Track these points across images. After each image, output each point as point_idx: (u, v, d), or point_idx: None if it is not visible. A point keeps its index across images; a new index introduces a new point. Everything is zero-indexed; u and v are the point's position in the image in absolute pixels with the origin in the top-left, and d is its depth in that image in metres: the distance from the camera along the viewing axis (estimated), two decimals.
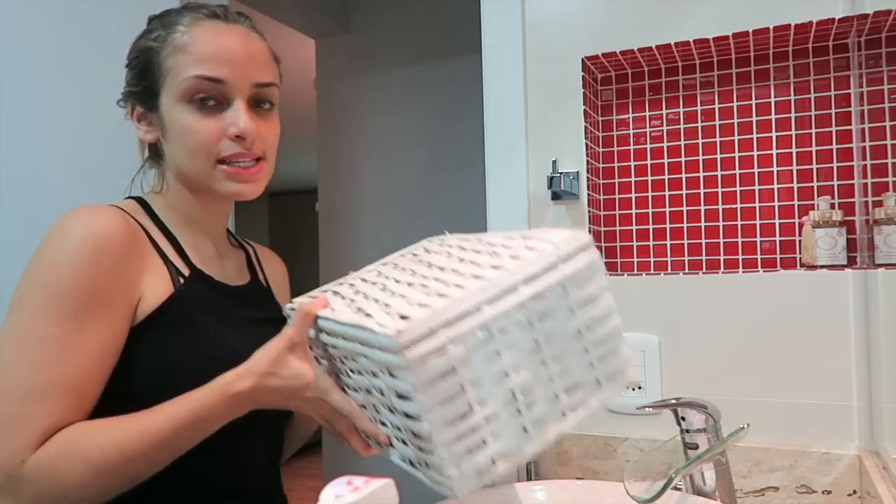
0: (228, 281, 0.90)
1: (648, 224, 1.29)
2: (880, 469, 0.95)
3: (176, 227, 0.87)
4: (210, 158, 0.81)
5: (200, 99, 0.80)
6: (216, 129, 0.80)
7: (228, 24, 0.84)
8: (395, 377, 0.49)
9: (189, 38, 0.80)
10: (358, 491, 0.48)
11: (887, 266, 1.01)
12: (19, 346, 0.69)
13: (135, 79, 0.85)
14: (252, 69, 0.82)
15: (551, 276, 0.52)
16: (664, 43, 1.18)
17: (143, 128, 0.87)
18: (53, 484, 0.66)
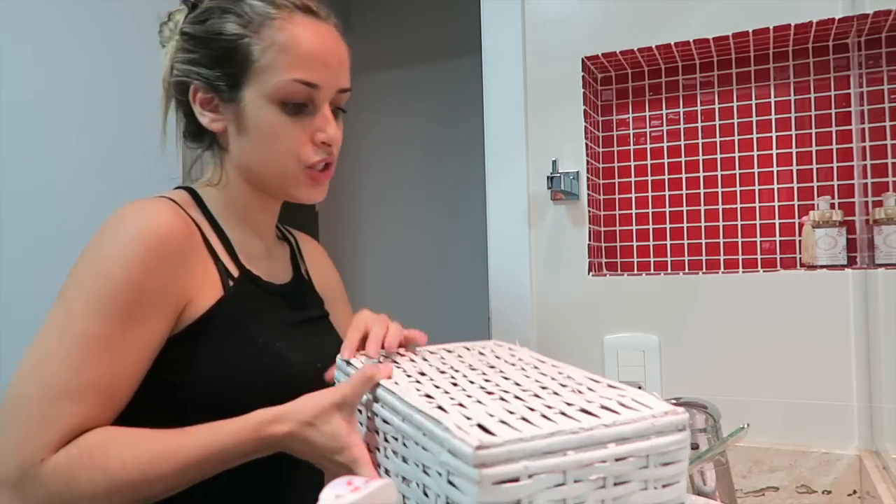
0: (275, 280, 0.87)
1: (648, 224, 1.29)
2: (880, 469, 0.95)
3: (227, 222, 0.83)
4: (298, 164, 0.79)
5: (292, 102, 0.77)
6: (302, 133, 0.78)
7: (321, 22, 0.80)
8: (454, 486, 0.47)
9: (288, 36, 0.76)
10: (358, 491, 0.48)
11: (887, 266, 1.01)
12: (61, 340, 0.67)
13: (212, 63, 0.78)
14: (340, 74, 0.80)
15: (642, 444, 0.49)
16: (664, 43, 1.18)
17: (207, 114, 0.80)
18: (68, 490, 0.63)
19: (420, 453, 0.52)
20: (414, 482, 0.54)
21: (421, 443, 0.52)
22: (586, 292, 1.23)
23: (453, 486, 0.47)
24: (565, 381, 0.61)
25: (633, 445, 0.49)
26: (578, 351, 1.23)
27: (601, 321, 1.22)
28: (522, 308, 1.27)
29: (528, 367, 0.67)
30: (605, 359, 1.21)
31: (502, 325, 1.30)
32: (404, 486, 0.57)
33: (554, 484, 0.46)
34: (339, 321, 0.97)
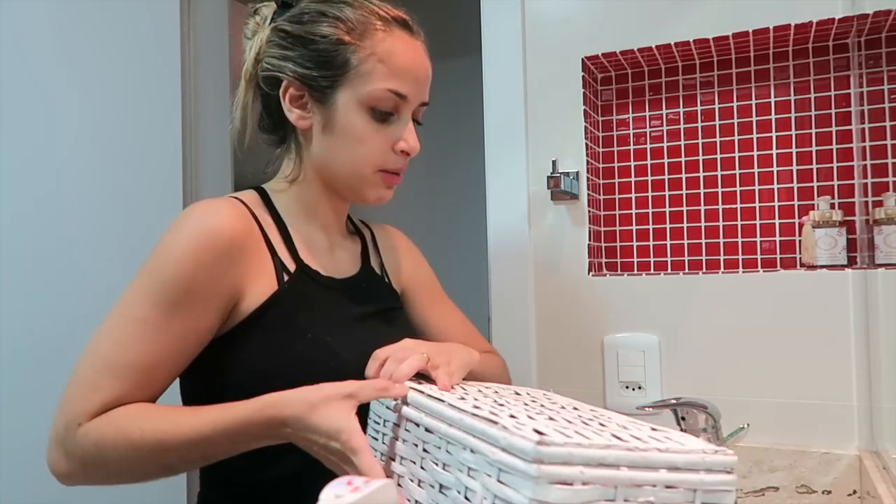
0: (338, 274, 0.89)
1: (648, 224, 1.29)
2: (880, 469, 0.95)
3: (293, 218, 0.87)
4: (374, 167, 0.84)
5: (381, 110, 0.81)
6: (385, 141, 0.83)
7: (415, 36, 0.85)
8: (506, 484, 0.46)
9: (388, 48, 0.81)
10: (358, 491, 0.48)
11: (887, 266, 1.01)
12: (115, 321, 0.74)
13: (309, 63, 0.81)
14: (425, 89, 0.86)
15: (692, 477, 0.49)
16: (664, 43, 1.18)
17: (296, 111, 0.84)
18: (97, 454, 0.70)
19: (467, 457, 0.52)
20: (454, 489, 0.53)
21: (470, 445, 0.51)
22: (586, 292, 1.23)
23: (507, 486, 0.46)
24: (607, 419, 0.61)
25: (683, 476, 0.49)
26: (578, 351, 1.23)
27: (601, 321, 1.22)
28: (522, 308, 1.27)
29: (568, 406, 0.67)
30: (605, 359, 1.21)
31: (502, 325, 1.30)
32: (441, 496, 0.56)
33: (605, 498, 0.46)
34: (423, 312, 1.01)
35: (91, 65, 1.37)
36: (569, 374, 1.24)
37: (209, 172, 1.70)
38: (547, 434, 0.46)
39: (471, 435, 0.51)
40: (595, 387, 1.22)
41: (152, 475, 0.72)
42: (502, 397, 0.67)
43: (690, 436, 0.56)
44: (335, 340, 0.81)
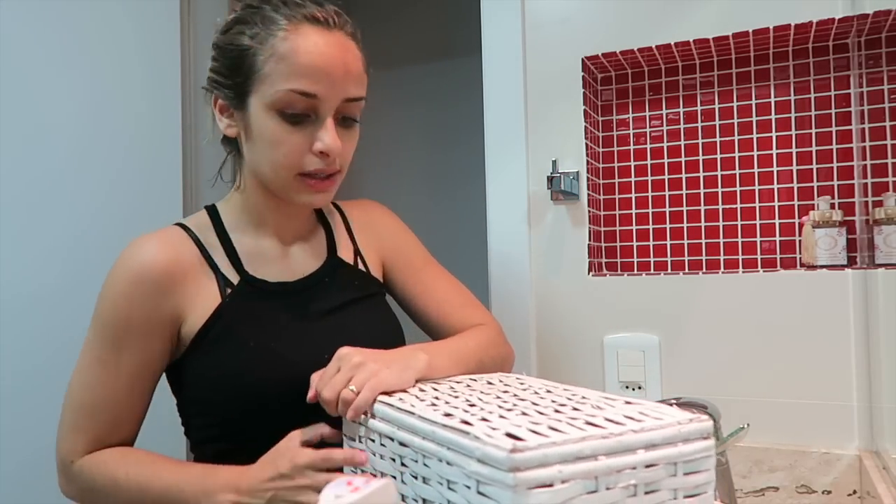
0: (292, 277, 0.88)
1: (648, 224, 1.29)
2: (880, 469, 0.95)
3: (240, 230, 0.89)
4: (292, 171, 0.81)
5: (291, 112, 0.79)
6: (302, 142, 0.80)
7: (330, 30, 0.80)
8: (486, 496, 0.46)
9: (289, 47, 0.77)
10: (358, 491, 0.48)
11: (887, 266, 1.01)
12: (81, 362, 0.84)
13: (225, 71, 0.82)
14: (346, 84, 0.80)
15: (670, 451, 0.50)
16: (664, 43, 1.18)
17: (224, 121, 0.85)
18: (91, 488, 0.82)
19: (444, 469, 0.51)
20: (437, 502, 0.53)
21: (445, 458, 0.51)
22: (586, 292, 1.23)
23: (485, 497, 0.46)
24: (581, 400, 0.60)
25: (661, 452, 0.49)
26: (578, 351, 1.23)
27: (601, 321, 1.22)
28: (522, 308, 1.27)
29: (541, 390, 0.67)
30: (605, 359, 1.21)
31: (502, 325, 1.30)
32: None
33: (587, 490, 0.46)
34: (403, 287, 0.98)
35: (91, 65, 1.37)
36: (569, 374, 1.24)
37: (209, 172, 1.70)
38: (521, 439, 0.46)
39: (445, 447, 0.51)
40: (595, 387, 1.21)
41: None
42: (474, 393, 0.67)
43: (663, 406, 0.56)
44: (281, 345, 0.81)
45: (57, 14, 1.31)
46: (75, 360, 1.29)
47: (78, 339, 1.31)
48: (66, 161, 1.32)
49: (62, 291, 1.29)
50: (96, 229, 1.36)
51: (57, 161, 1.30)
